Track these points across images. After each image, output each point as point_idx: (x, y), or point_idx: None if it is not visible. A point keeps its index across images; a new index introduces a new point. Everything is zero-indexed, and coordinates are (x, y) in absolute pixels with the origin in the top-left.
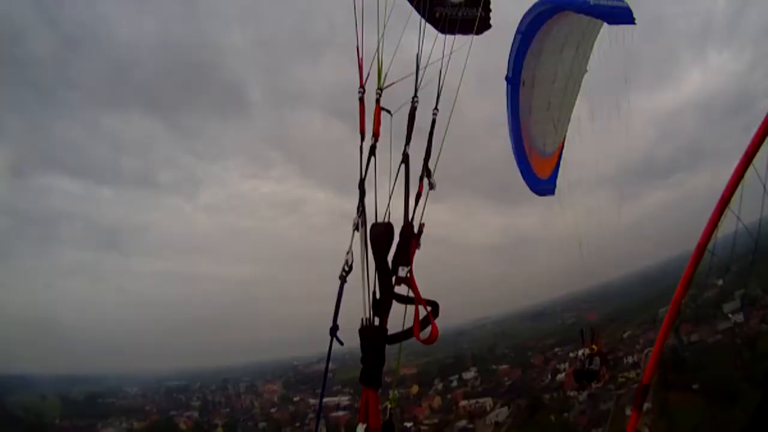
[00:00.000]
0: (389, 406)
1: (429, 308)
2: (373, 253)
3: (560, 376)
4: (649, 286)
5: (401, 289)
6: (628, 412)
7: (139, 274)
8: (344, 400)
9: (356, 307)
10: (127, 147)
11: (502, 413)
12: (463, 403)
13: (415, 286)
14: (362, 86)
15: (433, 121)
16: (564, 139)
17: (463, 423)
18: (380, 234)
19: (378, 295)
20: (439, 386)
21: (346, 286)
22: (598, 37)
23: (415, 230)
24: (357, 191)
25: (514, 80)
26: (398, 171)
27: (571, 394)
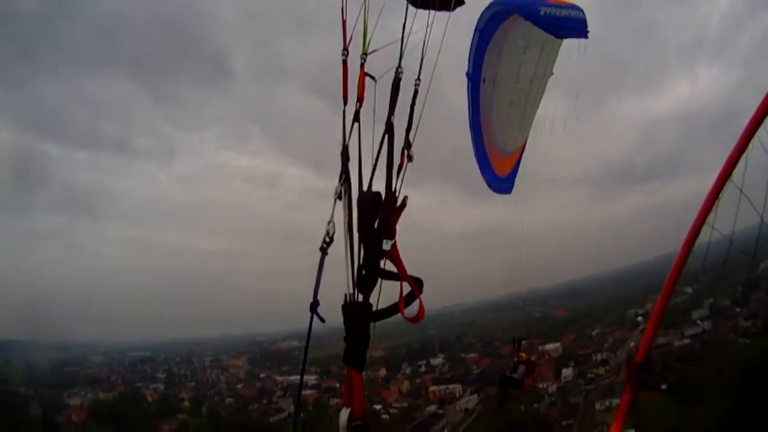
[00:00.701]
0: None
1: (414, 285)
2: (359, 223)
3: None
4: (618, 287)
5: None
6: (598, 406)
7: (110, 240)
8: (311, 379)
9: (333, 283)
10: (105, 110)
11: (472, 400)
12: (433, 388)
13: (400, 260)
14: (346, 48)
15: (415, 92)
16: (526, 139)
17: (432, 408)
18: (368, 203)
19: (362, 270)
20: (407, 371)
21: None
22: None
23: (398, 203)
24: (334, 167)
25: (474, 77)
26: (381, 141)
27: (541, 386)
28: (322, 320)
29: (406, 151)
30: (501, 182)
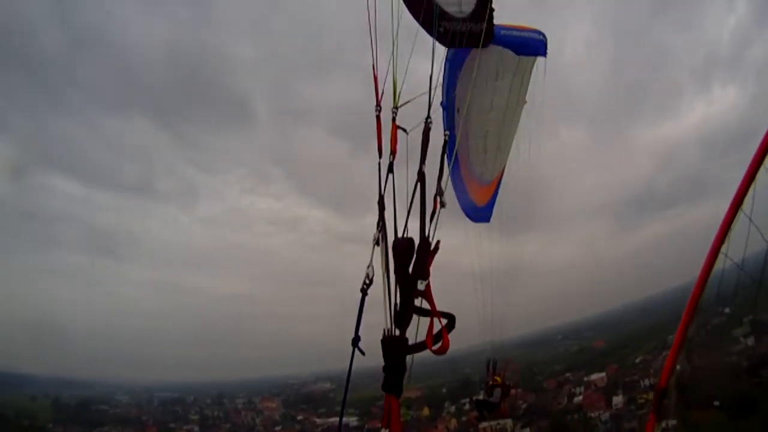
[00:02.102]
0: (403, 419)
1: (444, 320)
2: (396, 266)
3: (578, 399)
4: (647, 316)
5: (418, 303)
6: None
7: (133, 281)
8: (352, 420)
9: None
10: (128, 152)
11: None
12: (484, 424)
13: (432, 299)
14: (378, 104)
15: (445, 142)
16: (503, 169)
17: None
18: (403, 248)
19: (398, 307)
20: (451, 409)
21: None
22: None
23: (432, 247)
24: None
25: (448, 106)
26: (414, 189)
27: (593, 415)
28: (363, 353)
29: (438, 198)
30: (479, 211)
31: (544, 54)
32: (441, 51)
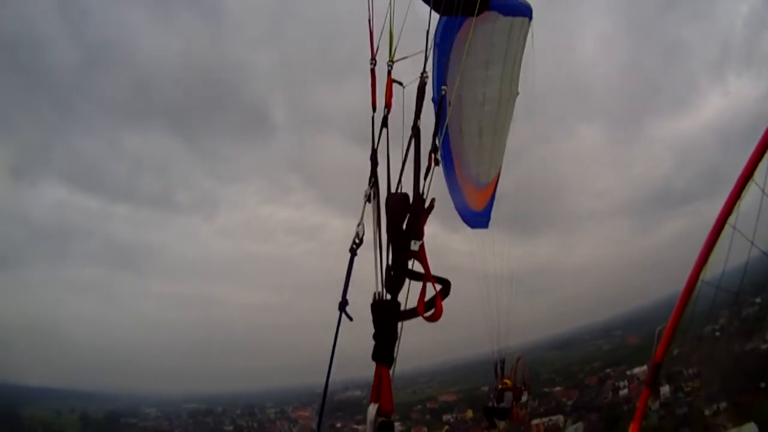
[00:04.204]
0: None
1: (439, 286)
2: (388, 223)
3: (623, 392)
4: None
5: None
6: (707, 412)
7: (153, 294)
8: (396, 426)
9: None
10: (145, 165)
11: (579, 428)
12: (535, 421)
13: (426, 261)
14: (374, 58)
15: (443, 97)
16: (500, 169)
17: None
18: (397, 204)
19: (391, 269)
20: None
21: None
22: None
23: (426, 204)
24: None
25: (438, 100)
26: (409, 144)
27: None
28: (350, 318)
29: (433, 155)
30: (476, 217)
31: (530, 16)
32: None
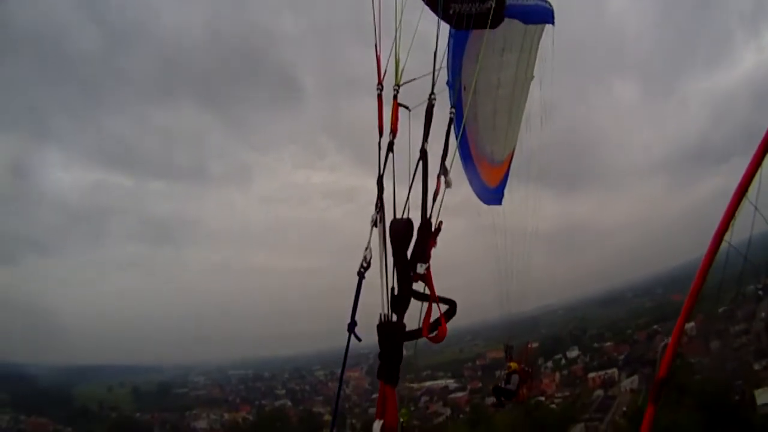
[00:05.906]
0: (401, 420)
1: (444, 307)
2: (393, 249)
3: None
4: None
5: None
6: (756, 366)
7: (193, 266)
8: (450, 382)
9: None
10: (177, 139)
11: (634, 381)
12: (591, 374)
13: (432, 283)
14: (380, 83)
15: (450, 120)
16: (514, 147)
17: (599, 392)
18: (400, 230)
19: (396, 292)
20: (548, 364)
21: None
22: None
23: (433, 228)
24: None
25: (453, 84)
26: (416, 168)
27: (693, 360)
28: (359, 339)
29: (443, 178)
30: (491, 193)
31: (552, 22)
32: (445, 27)
